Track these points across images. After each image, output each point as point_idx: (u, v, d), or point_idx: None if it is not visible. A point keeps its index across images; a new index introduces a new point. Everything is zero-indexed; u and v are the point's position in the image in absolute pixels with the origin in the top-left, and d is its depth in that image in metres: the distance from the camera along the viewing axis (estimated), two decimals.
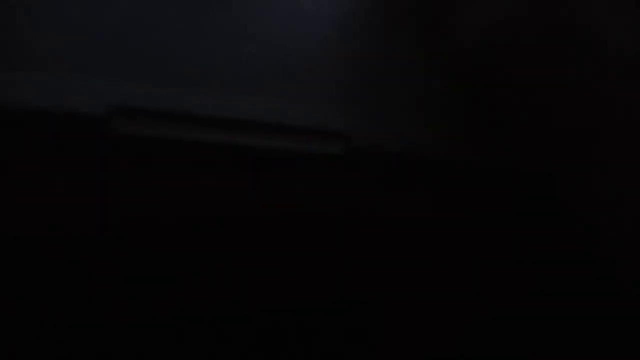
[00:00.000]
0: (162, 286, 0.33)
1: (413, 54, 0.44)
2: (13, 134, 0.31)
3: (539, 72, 0.42)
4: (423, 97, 0.42)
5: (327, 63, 0.41)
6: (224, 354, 0.34)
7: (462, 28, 0.47)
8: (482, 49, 0.45)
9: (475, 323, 0.39)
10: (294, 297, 0.36)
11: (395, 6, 0.47)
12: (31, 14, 0.35)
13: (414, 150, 0.39)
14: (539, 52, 0.42)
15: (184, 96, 0.35)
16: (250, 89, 0.37)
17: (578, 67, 0.39)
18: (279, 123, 0.36)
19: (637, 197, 0.37)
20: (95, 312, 0.32)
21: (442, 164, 0.40)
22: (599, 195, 0.39)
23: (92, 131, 0.32)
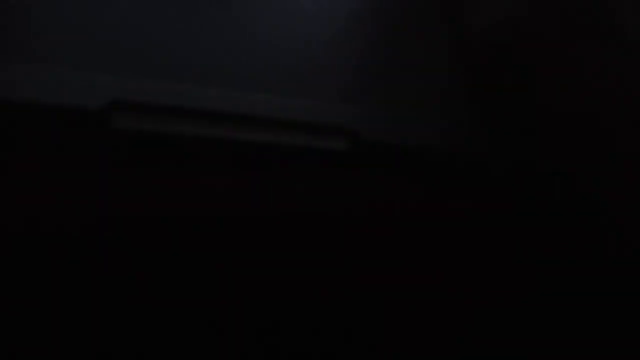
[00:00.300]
0: (161, 285, 0.33)
1: (419, 51, 0.44)
2: (13, 130, 0.31)
3: (556, 68, 0.42)
4: (428, 93, 0.42)
5: (328, 62, 0.41)
6: (224, 354, 0.34)
7: (473, 24, 0.46)
8: (494, 44, 0.45)
9: (484, 322, 0.39)
10: (294, 297, 0.36)
11: (397, 5, 0.47)
12: (31, 12, 0.35)
13: (418, 147, 0.38)
14: (554, 47, 0.42)
15: (185, 92, 0.35)
16: (251, 86, 0.37)
17: (597, 62, 0.39)
18: (280, 119, 0.36)
19: None
20: (95, 312, 0.32)
21: (448, 161, 0.40)
22: (618, 192, 0.38)
23: (92, 126, 0.32)
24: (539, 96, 0.43)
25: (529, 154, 0.42)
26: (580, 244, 0.41)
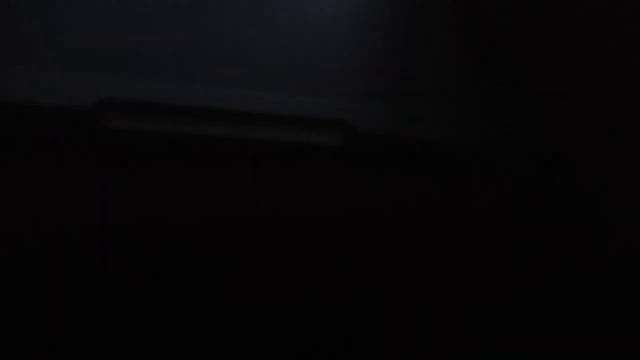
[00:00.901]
0: (161, 286, 0.33)
1: (418, 44, 0.44)
2: (10, 131, 0.31)
3: (557, 53, 0.41)
4: (431, 85, 0.42)
5: (323, 55, 0.40)
6: (224, 354, 0.34)
7: (471, 10, 0.46)
8: (496, 33, 0.45)
9: (484, 323, 0.39)
10: (293, 297, 0.36)
11: (397, 2, 0.46)
12: (22, 10, 0.34)
13: (417, 140, 0.38)
14: (554, 31, 0.41)
15: (178, 90, 0.34)
16: (243, 82, 0.37)
17: (602, 48, 0.38)
18: (276, 114, 0.36)
19: None
20: (95, 312, 0.32)
21: (448, 154, 0.39)
22: (620, 183, 0.38)
23: (85, 125, 0.32)
24: (536, 85, 0.42)
25: (531, 146, 0.41)
26: (585, 244, 0.41)
